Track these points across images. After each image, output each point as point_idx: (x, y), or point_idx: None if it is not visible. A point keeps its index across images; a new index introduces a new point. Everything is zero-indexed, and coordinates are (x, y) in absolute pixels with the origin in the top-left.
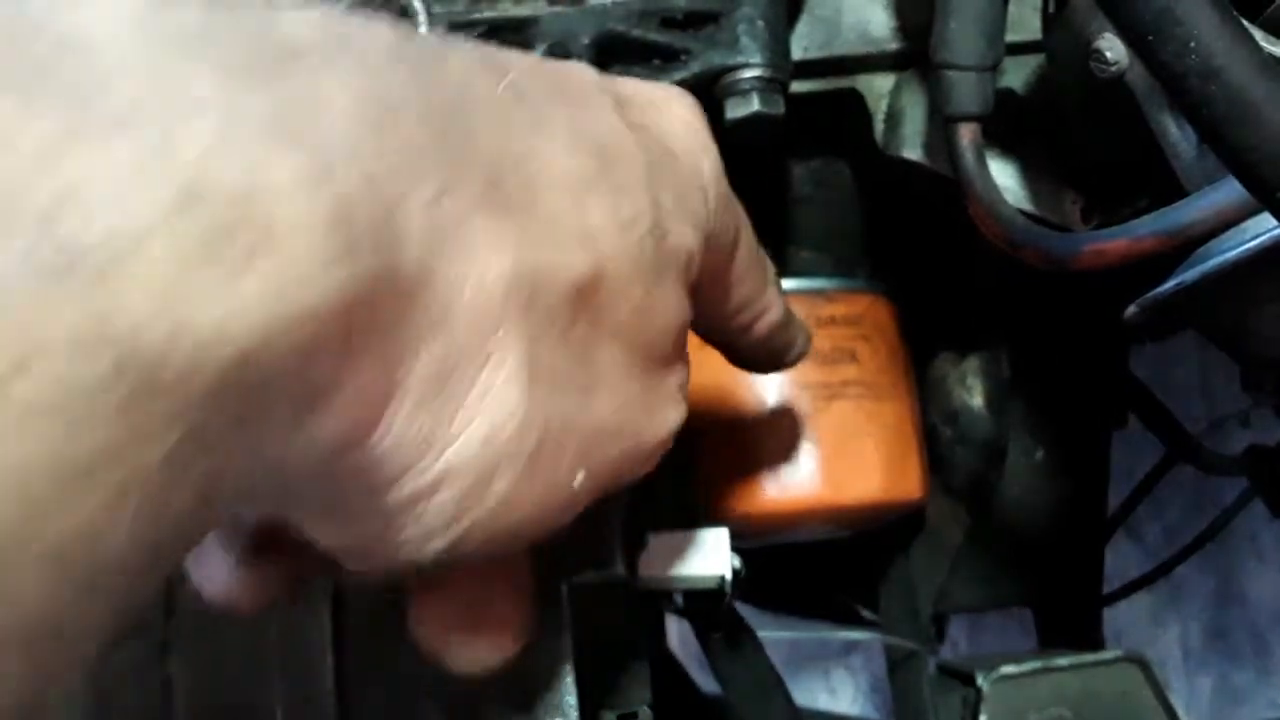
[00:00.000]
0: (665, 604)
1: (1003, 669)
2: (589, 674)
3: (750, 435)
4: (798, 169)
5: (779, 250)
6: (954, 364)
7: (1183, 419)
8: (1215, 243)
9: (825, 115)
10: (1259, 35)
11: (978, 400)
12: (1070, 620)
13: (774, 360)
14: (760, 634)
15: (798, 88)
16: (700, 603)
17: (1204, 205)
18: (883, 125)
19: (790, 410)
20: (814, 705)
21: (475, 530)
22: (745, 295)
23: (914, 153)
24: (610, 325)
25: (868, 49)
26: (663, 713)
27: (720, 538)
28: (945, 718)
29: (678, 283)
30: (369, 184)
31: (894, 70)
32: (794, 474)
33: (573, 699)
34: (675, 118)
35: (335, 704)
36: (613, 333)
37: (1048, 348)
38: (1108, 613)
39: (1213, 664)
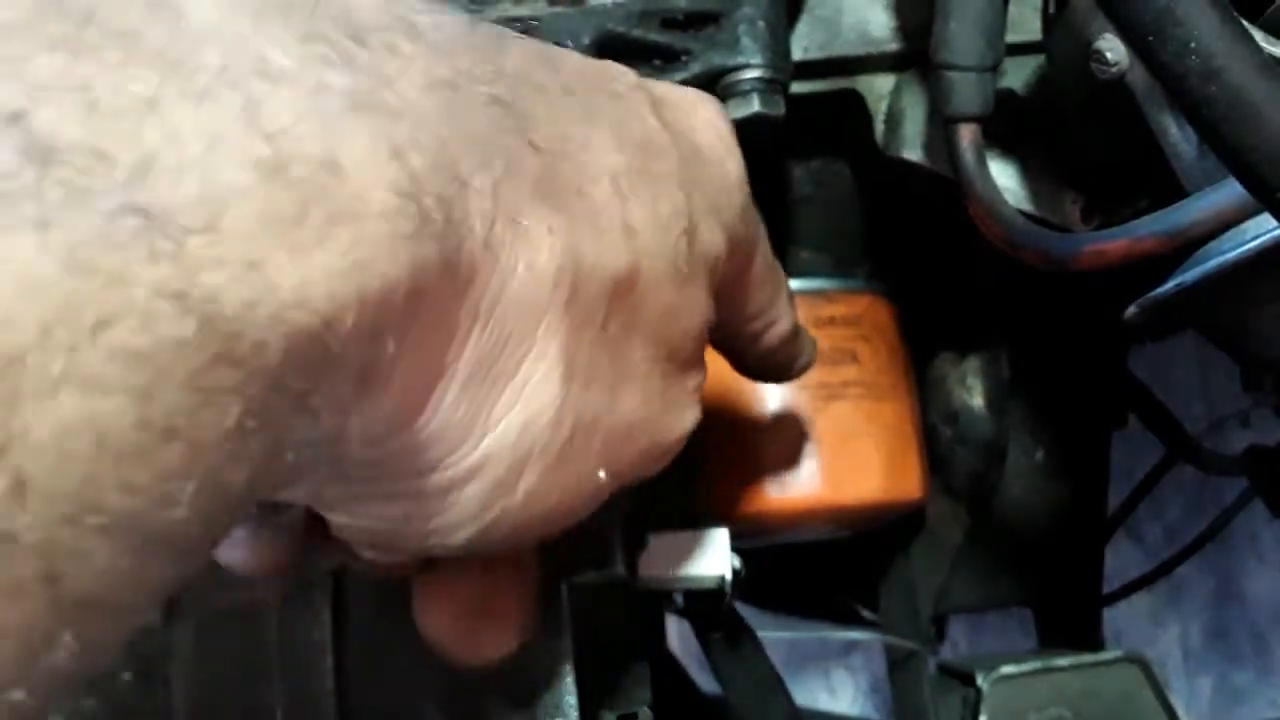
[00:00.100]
0: (665, 604)
1: (1003, 669)
2: (589, 674)
3: (751, 435)
4: (798, 169)
5: (779, 250)
6: (954, 364)
7: (1183, 419)
8: (1215, 243)
9: (825, 116)
10: (1259, 36)
11: (978, 400)
12: (1070, 620)
13: (780, 371)
14: (760, 634)
15: (798, 88)
16: (700, 603)
17: (1204, 206)
18: (883, 126)
19: (791, 410)
20: (814, 705)
21: (504, 520)
22: (760, 303)
23: (914, 153)
24: (642, 323)
25: (868, 49)
26: (663, 713)
27: (720, 538)
28: (945, 718)
29: (705, 284)
30: (439, 165)
31: (894, 71)
32: (794, 474)
33: (573, 699)
34: (704, 121)
35: (335, 704)
36: (643, 330)
37: (1048, 348)
38: (1108, 613)
39: (1213, 664)
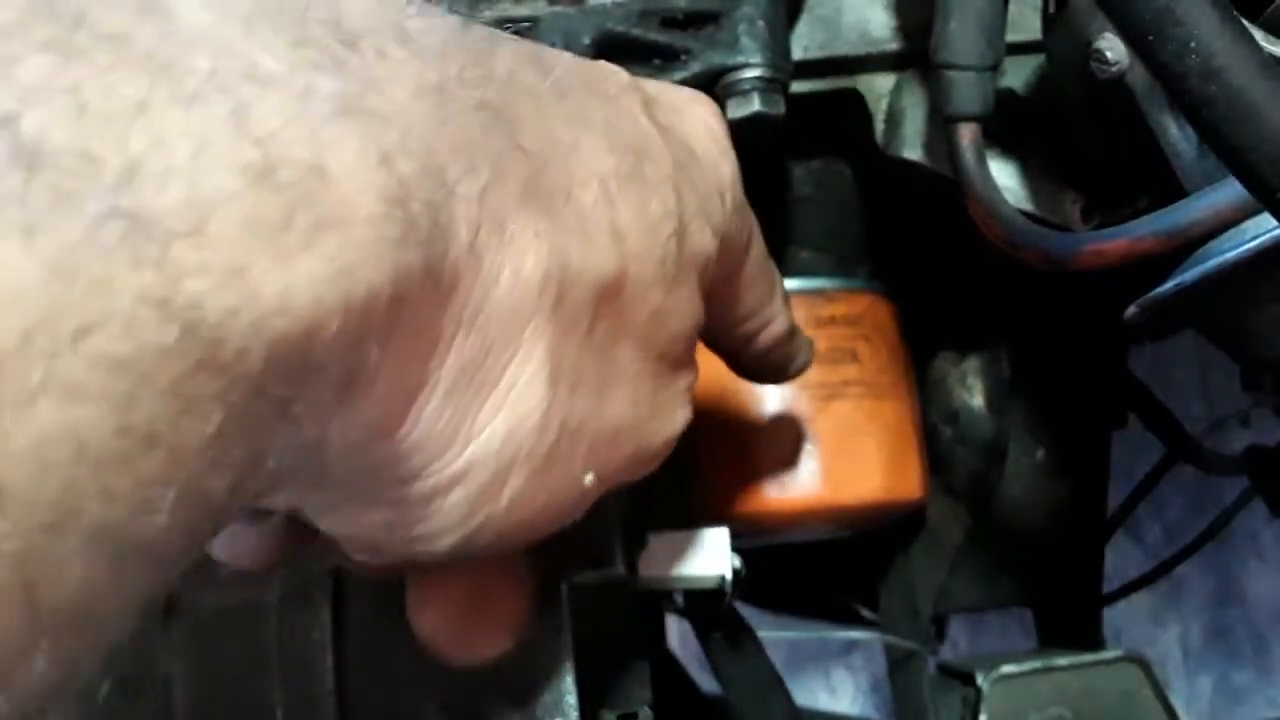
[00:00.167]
0: (665, 604)
1: (1003, 669)
2: (589, 674)
3: (750, 435)
4: (798, 169)
5: (779, 250)
6: (954, 364)
7: (1183, 419)
8: (1215, 243)
9: (825, 115)
10: (1259, 35)
11: (978, 400)
12: (1070, 620)
13: (776, 372)
14: (760, 634)
15: (798, 88)
16: (700, 603)
17: (1204, 206)
18: (883, 125)
19: (790, 410)
20: (814, 705)
21: (488, 526)
22: (752, 304)
23: (914, 153)
24: (630, 326)
25: (868, 49)
26: (663, 713)
27: (720, 538)
28: (945, 717)
29: (695, 286)
30: (427, 170)
31: (894, 70)
32: (794, 474)
33: (573, 699)
34: (698, 121)
35: (335, 704)
36: (631, 333)
37: (1048, 348)
38: (1108, 612)
39: (1213, 664)
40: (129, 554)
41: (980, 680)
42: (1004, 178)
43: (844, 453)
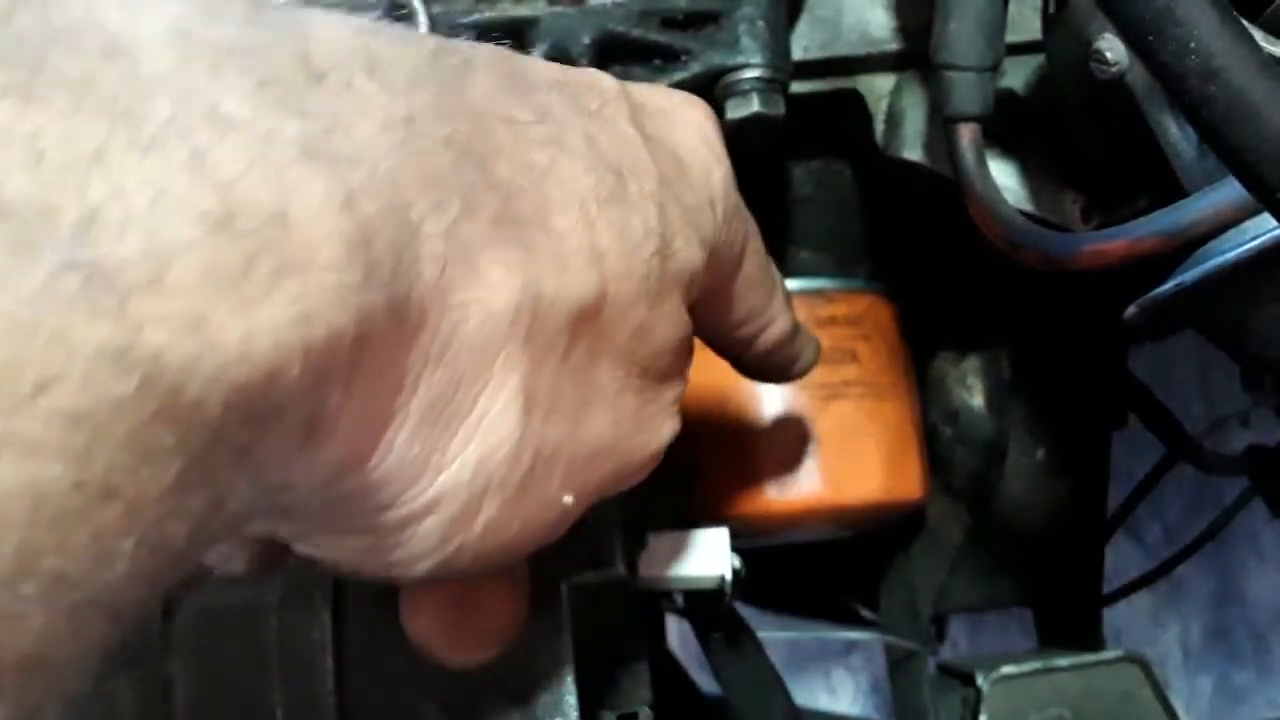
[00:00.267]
0: (665, 604)
1: (1003, 669)
2: (589, 674)
3: (751, 435)
4: (798, 169)
5: (779, 250)
6: (954, 364)
7: (1183, 419)
8: (1215, 243)
9: (825, 116)
10: (1259, 35)
11: (978, 400)
12: (1070, 620)
13: (780, 373)
14: (760, 634)
15: (798, 88)
16: (700, 603)
17: (1204, 206)
18: (883, 126)
19: (791, 410)
20: (814, 705)
21: (464, 551)
22: (750, 307)
23: (914, 153)
24: (610, 345)
25: (868, 49)
26: (663, 713)
27: (720, 538)
28: (945, 717)
29: (679, 300)
30: (391, 210)
31: (894, 71)
32: (794, 474)
33: (573, 699)
34: (690, 126)
35: (335, 704)
36: (612, 352)
37: (1048, 348)
38: (1108, 612)
39: (1213, 664)
40: (88, 605)
41: (980, 680)
42: (1004, 178)
43: (844, 453)
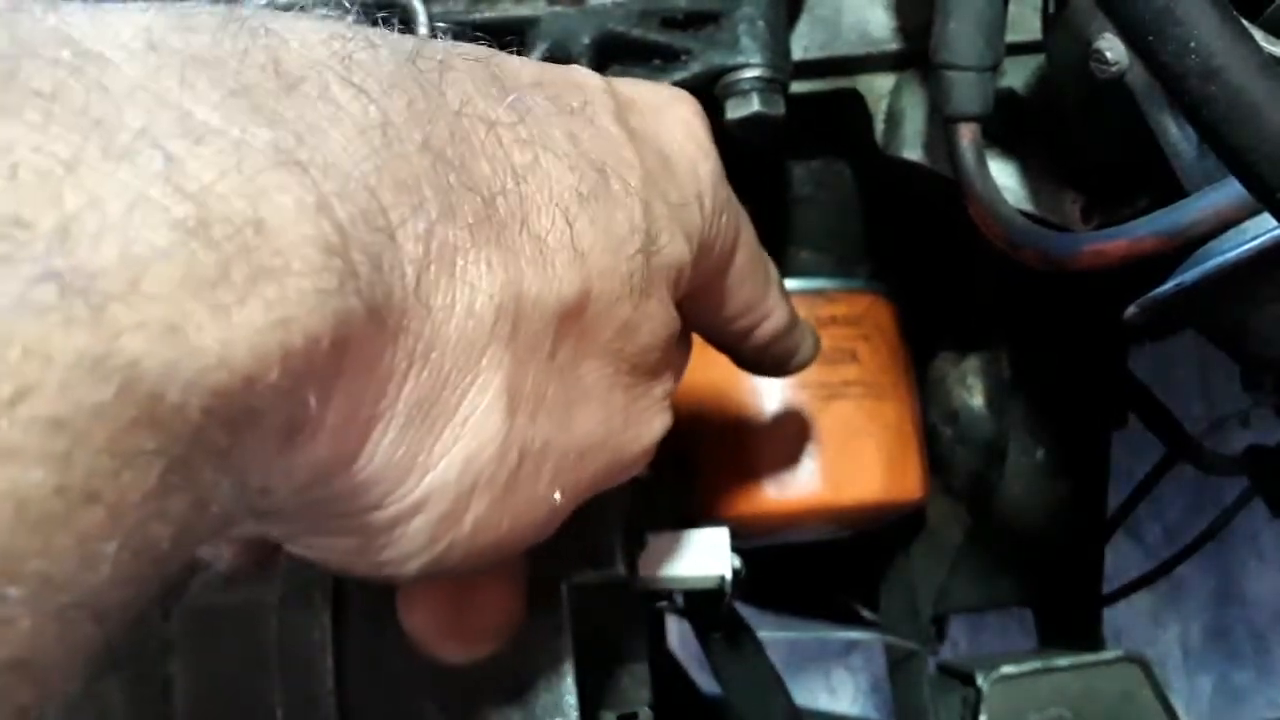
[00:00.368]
0: (665, 604)
1: (1003, 669)
2: (589, 674)
3: (750, 435)
4: (798, 169)
5: (779, 250)
6: (954, 364)
7: (1183, 419)
8: (1215, 243)
9: (825, 116)
10: (1259, 35)
11: (978, 400)
12: (1070, 620)
13: (777, 366)
14: (760, 634)
15: (798, 88)
16: (700, 603)
17: (1204, 206)
18: (883, 125)
19: (791, 410)
20: (814, 705)
21: (454, 549)
22: (744, 301)
23: (914, 153)
24: (596, 343)
25: (868, 49)
26: (663, 713)
27: (720, 537)
28: (945, 717)
29: (666, 296)
30: (366, 214)
31: (894, 70)
32: (794, 474)
33: (573, 699)
34: (676, 121)
35: (335, 704)
36: (598, 350)
37: (1048, 348)
38: (1108, 612)
39: (1213, 664)
40: (74, 606)
41: (980, 680)
42: (1004, 178)
43: (844, 453)
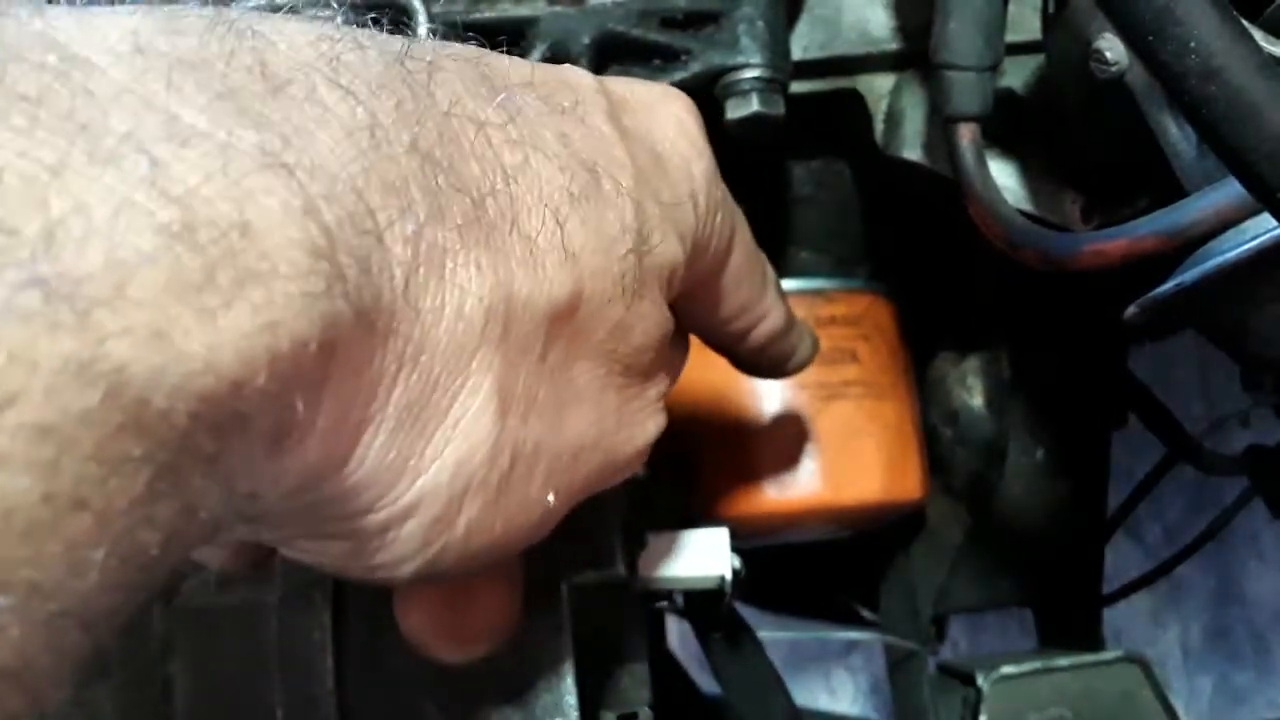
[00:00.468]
0: (665, 604)
1: (1003, 669)
2: (589, 674)
3: (750, 435)
4: (798, 169)
5: (779, 251)
6: (954, 364)
7: (1183, 419)
8: (1215, 243)
9: (825, 116)
10: (1259, 35)
11: (978, 400)
12: (1070, 620)
13: (775, 367)
14: (760, 634)
15: (798, 88)
16: (700, 603)
17: (1204, 205)
18: (883, 125)
19: (790, 410)
20: (814, 705)
21: (448, 552)
22: (740, 302)
23: (914, 153)
24: (587, 344)
25: (868, 49)
26: (663, 713)
27: (720, 538)
28: (945, 718)
29: (659, 296)
30: (354, 217)
31: (894, 70)
32: (794, 474)
33: (573, 699)
34: (669, 119)
35: (335, 704)
36: (590, 351)
37: (1048, 348)
38: (1108, 613)
39: (1213, 664)
40: (62, 613)
41: (980, 680)
42: (1004, 178)
43: (844, 453)
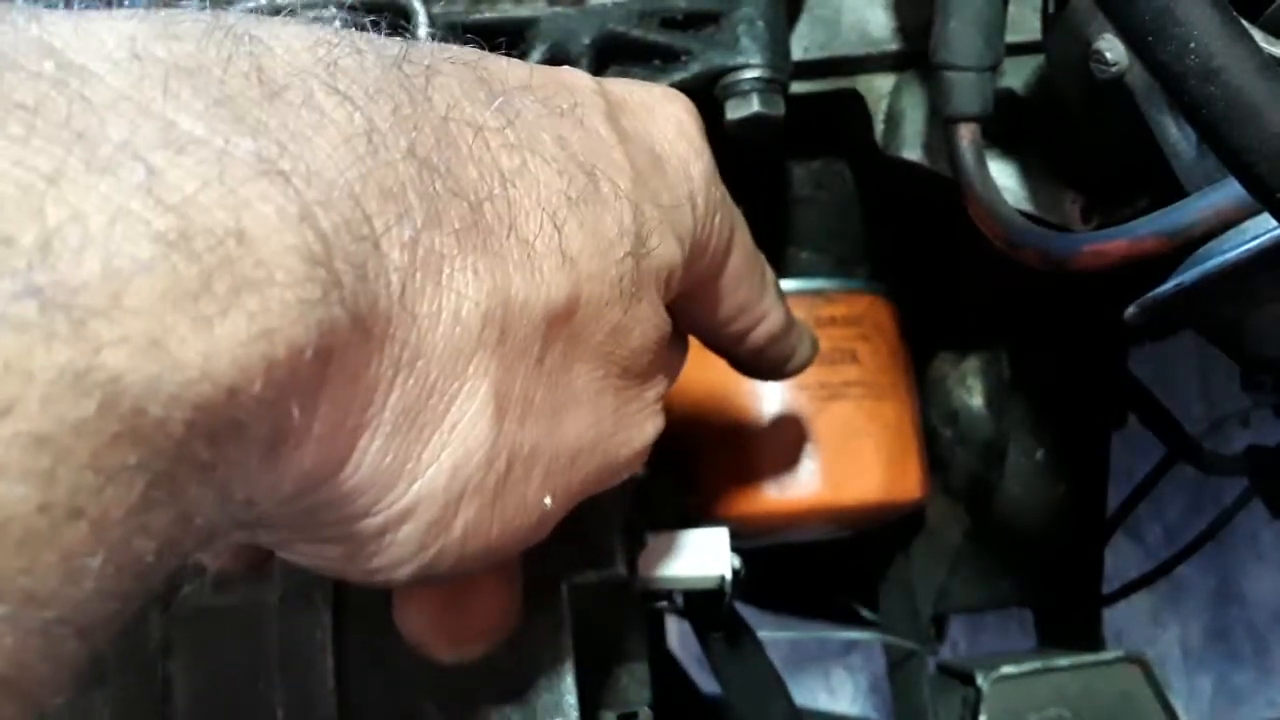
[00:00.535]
0: (665, 604)
1: (1002, 669)
2: (589, 674)
3: (750, 435)
4: (798, 170)
5: (780, 251)
6: (954, 364)
7: (1183, 419)
8: (1215, 243)
9: (825, 116)
10: (1258, 36)
11: (977, 400)
12: (1070, 620)
13: (773, 369)
14: (760, 634)
15: (798, 88)
16: (700, 602)
17: (1204, 206)
18: (883, 126)
19: (790, 410)
20: (814, 705)
21: (445, 555)
22: (739, 303)
23: (914, 153)
24: (585, 347)
25: (868, 49)
26: (663, 713)
27: (720, 537)
28: (945, 717)
29: (656, 298)
30: (350, 224)
31: (894, 71)
32: (794, 474)
33: (573, 699)
34: (668, 120)
35: (335, 704)
36: (588, 354)
37: (1048, 348)
38: (1107, 613)
39: (1212, 664)
40: (58, 622)
41: (980, 680)
42: (1003, 178)
43: (844, 453)
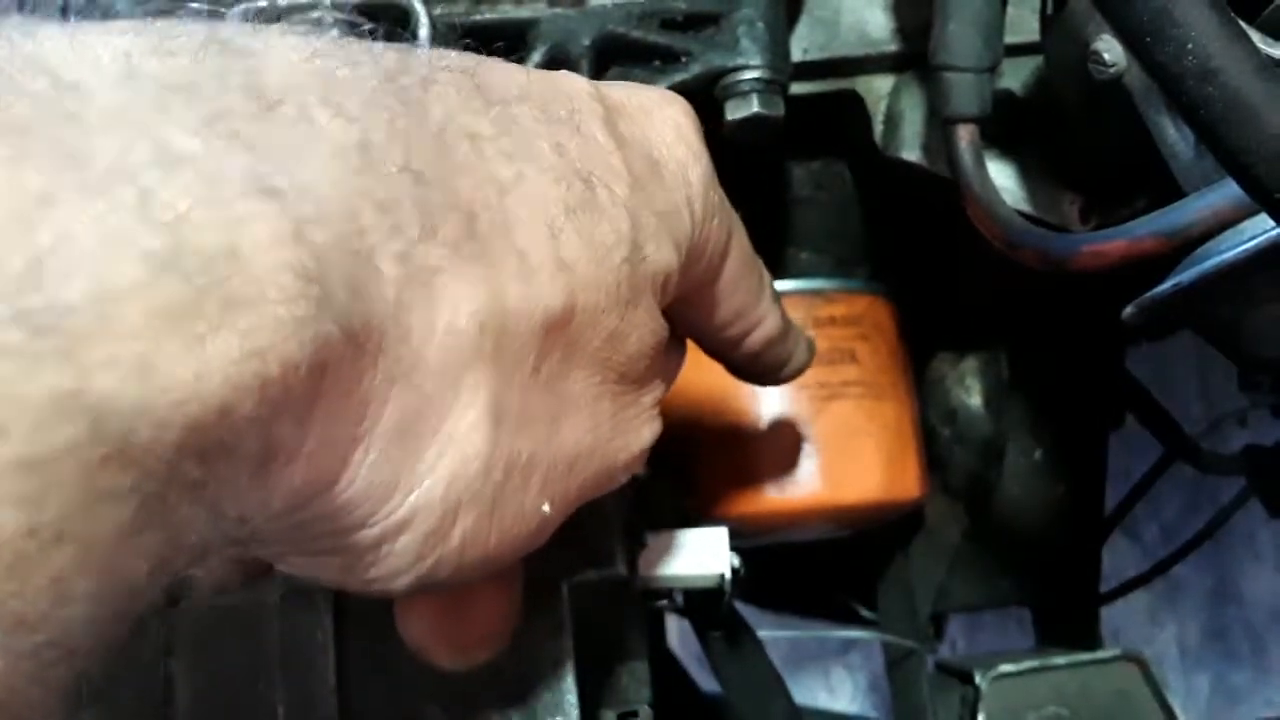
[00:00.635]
0: (665, 603)
1: (1001, 668)
2: (589, 674)
3: (750, 435)
4: (797, 170)
5: (779, 252)
6: (953, 364)
7: (1181, 419)
8: (1213, 243)
9: (825, 117)
10: (1256, 37)
11: (976, 400)
12: (1068, 619)
13: (769, 373)
14: (760, 634)
15: (797, 89)
16: (700, 602)
17: (1202, 206)
18: (882, 127)
19: (790, 411)
20: (813, 703)
21: (443, 565)
22: (736, 307)
23: (913, 154)
24: (582, 354)
25: (867, 51)
26: (663, 713)
27: (720, 537)
28: (944, 716)
29: (653, 303)
30: (344, 238)
31: (893, 72)
32: (793, 474)
33: (573, 699)
34: (666, 124)
35: (335, 704)
36: (584, 361)
37: (1046, 348)
38: (1105, 612)
39: (1210, 663)
40: (48, 645)
41: (978, 679)
42: (1002, 178)
43: (843, 453)
